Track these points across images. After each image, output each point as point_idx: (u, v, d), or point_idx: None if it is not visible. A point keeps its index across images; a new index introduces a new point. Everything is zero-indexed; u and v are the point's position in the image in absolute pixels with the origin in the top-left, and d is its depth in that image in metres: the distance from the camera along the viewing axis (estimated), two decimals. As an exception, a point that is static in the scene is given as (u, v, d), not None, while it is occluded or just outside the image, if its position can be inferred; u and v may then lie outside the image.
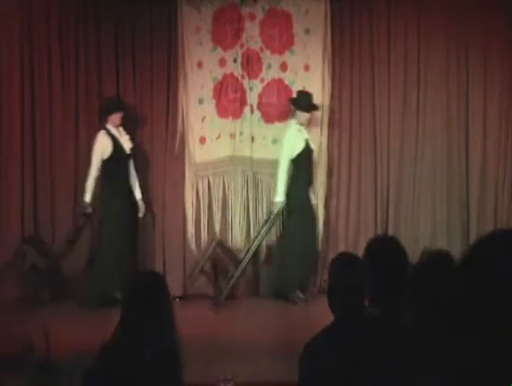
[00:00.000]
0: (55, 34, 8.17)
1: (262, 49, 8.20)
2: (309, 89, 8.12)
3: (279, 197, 7.74)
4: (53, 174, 8.20)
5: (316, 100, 8.11)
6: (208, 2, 8.21)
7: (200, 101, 8.25)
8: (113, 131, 7.77)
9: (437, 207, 8.16)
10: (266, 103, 8.22)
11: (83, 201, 7.72)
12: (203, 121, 8.25)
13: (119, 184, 7.77)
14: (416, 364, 2.79)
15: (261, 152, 8.19)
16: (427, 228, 8.11)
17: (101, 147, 7.67)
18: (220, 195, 8.26)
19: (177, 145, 8.26)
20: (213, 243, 8.01)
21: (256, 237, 7.98)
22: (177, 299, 7.77)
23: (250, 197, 8.24)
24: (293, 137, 7.74)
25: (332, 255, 7.94)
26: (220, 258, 8.07)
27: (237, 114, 8.21)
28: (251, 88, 8.18)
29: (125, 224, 7.73)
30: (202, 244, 8.18)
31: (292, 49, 8.21)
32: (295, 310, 7.55)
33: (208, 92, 8.24)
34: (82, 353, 3.99)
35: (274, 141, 8.20)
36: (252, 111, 8.19)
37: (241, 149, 8.21)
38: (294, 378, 3.10)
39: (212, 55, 8.22)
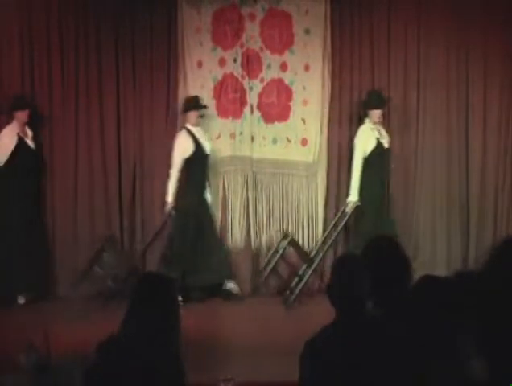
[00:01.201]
0: (55, 34, 8.17)
1: (261, 49, 8.20)
2: (309, 89, 8.13)
3: (353, 197, 7.72)
4: (53, 174, 8.19)
5: (316, 100, 8.12)
6: (208, 3, 8.21)
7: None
8: (194, 131, 7.81)
9: (437, 207, 8.16)
10: (266, 103, 8.22)
11: (166, 202, 7.79)
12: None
13: (198, 183, 7.81)
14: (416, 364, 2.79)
15: (261, 152, 8.19)
16: (427, 228, 8.10)
17: (183, 147, 7.73)
18: (221, 195, 8.25)
19: (177, 145, 8.25)
20: (285, 241, 7.96)
21: (328, 237, 7.94)
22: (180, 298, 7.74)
23: (250, 197, 8.23)
24: (365, 136, 7.72)
25: (332, 255, 7.98)
26: (290, 256, 8.05)
27: (237, 114, 8.21)
28: (251, 88, 8.17)
29: (202, 223, 7.76)
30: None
31: (292, 49, 8.21)
32: (295, 309, 7.55)
33: (208, 92, 8.23)
34: (82, 353, 3.98)
35: (274, 141, 8.21)
36: (252, 111, 8.19)
37: (241, 149, 8.21)
38: (294, 377, 3.11)
39: (212, 55, 8.22)
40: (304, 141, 8.21)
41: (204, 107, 7.97)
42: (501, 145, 8.18)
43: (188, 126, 7.83)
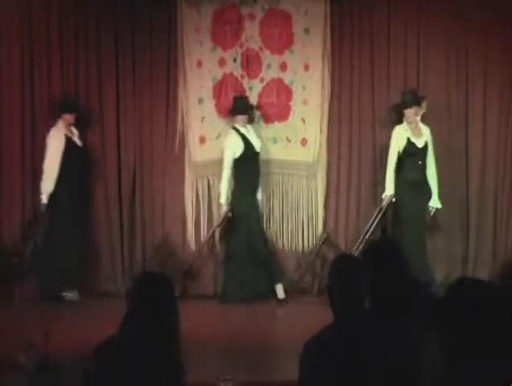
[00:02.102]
0: (56, 34, 8.17)
1: (261, 49, 8.20)
2: (309, 89, 8.13)
3: (389, 190, 7.71)
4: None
5: (316, 100, 8.12)
6: (207, 2, 8.21)
7: (200, 101, 8.25)
8: (243, 130, 7.82)
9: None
10: (266, 103, 8.22)
11: (219, 202, 7.86)
12: (202, 120, 8.26)
13: (249, 182, 7.82)
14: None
15: (261, 152, 8.17)
16: (427, 228, 8.09)
17: (233, 147, 7.75)
18: (221, 194, 8.25)
19: (177, 145, 8.27)
20: (321, 239, 7.97)
21: (366, 232, 7.92)
22: (179, 299, 7.75)
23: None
24: (396, 136, 7.71)
25: (332, 255, 7.98)
26: (326, 254, 8.07)
27: (237, 114, 8.20)
28: (251, 88, 8.18)
29: (254, 223, 7.79)
30: (202, 244, 8.19)
31: (292, 49, 8.21)
32: (294, 309, 7.55)
33: (207, 91, 8.24)
34: (82, 353, 3.98)
35: (274, 141, 8.21)
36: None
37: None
38: (294, 378, 3.11)
39: (211, 55, 8.22)
40: (304, 141, 8.21)
41: (251, 109, 7.96)
42: (500, 145, 8.18)
43: (237, 126, 7.83)
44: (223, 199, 7.80)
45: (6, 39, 8.17)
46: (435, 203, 7.73)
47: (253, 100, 8.18)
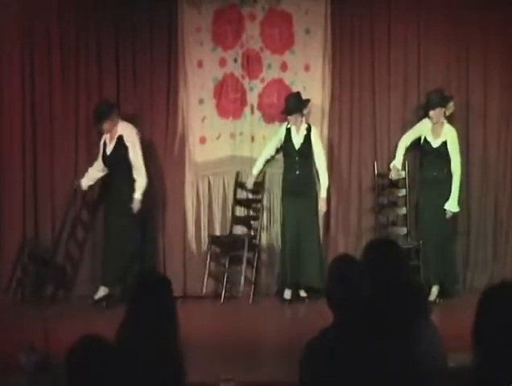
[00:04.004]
0: (56, 34, 8.17)
1: (262, 49, 8.19)
2: (309, 89, 8.13)
3: (396, 162, 7.85)
4: (53, 173, 8.20)
5: (316, 100, 8.11)
6: (208, 2, 8.21)
7: (200, 101, 8.25)
8: (292, 129, 7.87)
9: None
10: (267, 103, 8.22)
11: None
12: (203, 121, 8.25)
13: (289, 180, 7.84)
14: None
15: (261, 152, 8.17)
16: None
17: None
18: (221, 194, 8.25)
19: (177, 145, 8.26)
20: None
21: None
22: (179, 299, 7.75)
23: (250, 197, 8.24)
24: (419, 125, 7.80)
25: (332, 255, 7.97)
26: None
27: (237, 114, 8.21)
28: (251, 88, 8.17)
29: (295, 222, 7.79)
30: (202, 244, 8.19)
31: (292, 49, 8.20)
32: (295, 310, 7.55)
33: (208, 92, 8.23)
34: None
35: (274, 141, 8.20)
36: (252, 111, 8.19)
37: (242, 149, 8.20)
38: (294, 378, 3.11)
39: (212, 55, 8.22)
40: (304, 141, 8.20)
41: (307, 101, 7.91)
42: (501, 145, 8.18)
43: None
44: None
45: (6, 38, 8.16)
46: (449, 206, 7.61)
47: (254, 100, 8.18)
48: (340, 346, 2.93)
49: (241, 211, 8.24)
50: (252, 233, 8.14)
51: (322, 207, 7.86)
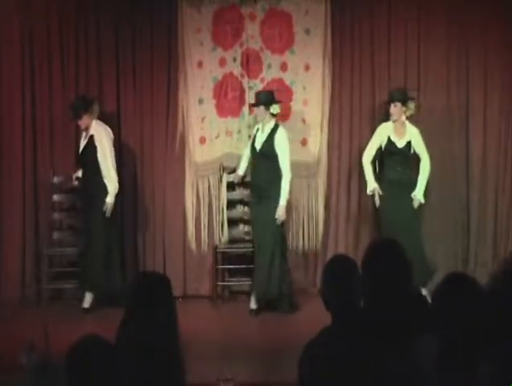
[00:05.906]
0: (56, 34, 8.17)
1: (262, 49, 8.19)
2: (309, 89, 8.13)
3: (370, 185, 7.62)
4: (53, 173, 8.19)
5: (316, 100, 8.12)
6: (208, 2, 8.20)
7: (200, 101, 8.25)
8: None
9: (437, 207, 8.14)
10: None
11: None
12: (203, 121, 8.25)
13: (252, 183, 7.73)
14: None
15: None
16: (428, 229, 8.09)
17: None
18: (221, 194, 8.24)
19: (177, 145, 8.27)
20: None
21: None
22: (180, 299, 7.74)
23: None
24: (378, 132, 7.69)
25: (331, 255, 7.98)
26: None
27: (235, 113, 8.20)
28: (251, 88, 8.17)
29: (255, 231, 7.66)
30: (202, 244, 8.19)
31: (292, 49, 8.20)
32: (293, 311, 7.54)
33: (208, 92, 8.23)
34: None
35: (274, 141, 8.19)
36: (251, 111, 8.18)
37: (239, 147, 8.18)
38: (293, 379, 3.11)
39: (212, 55, 8.22)
40: (304, 142, 8.21)
41: (278, 101, 7.63)
42: (501, 146, 8.18)
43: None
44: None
45: (6, 39, 8.16)
46: (418, 193, 7.46)
47: (253, 99, 8.18)
48: (339, 347, 2.93)
49: (238, 212, 8.22)
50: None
51: (280, 215, 7.25)
